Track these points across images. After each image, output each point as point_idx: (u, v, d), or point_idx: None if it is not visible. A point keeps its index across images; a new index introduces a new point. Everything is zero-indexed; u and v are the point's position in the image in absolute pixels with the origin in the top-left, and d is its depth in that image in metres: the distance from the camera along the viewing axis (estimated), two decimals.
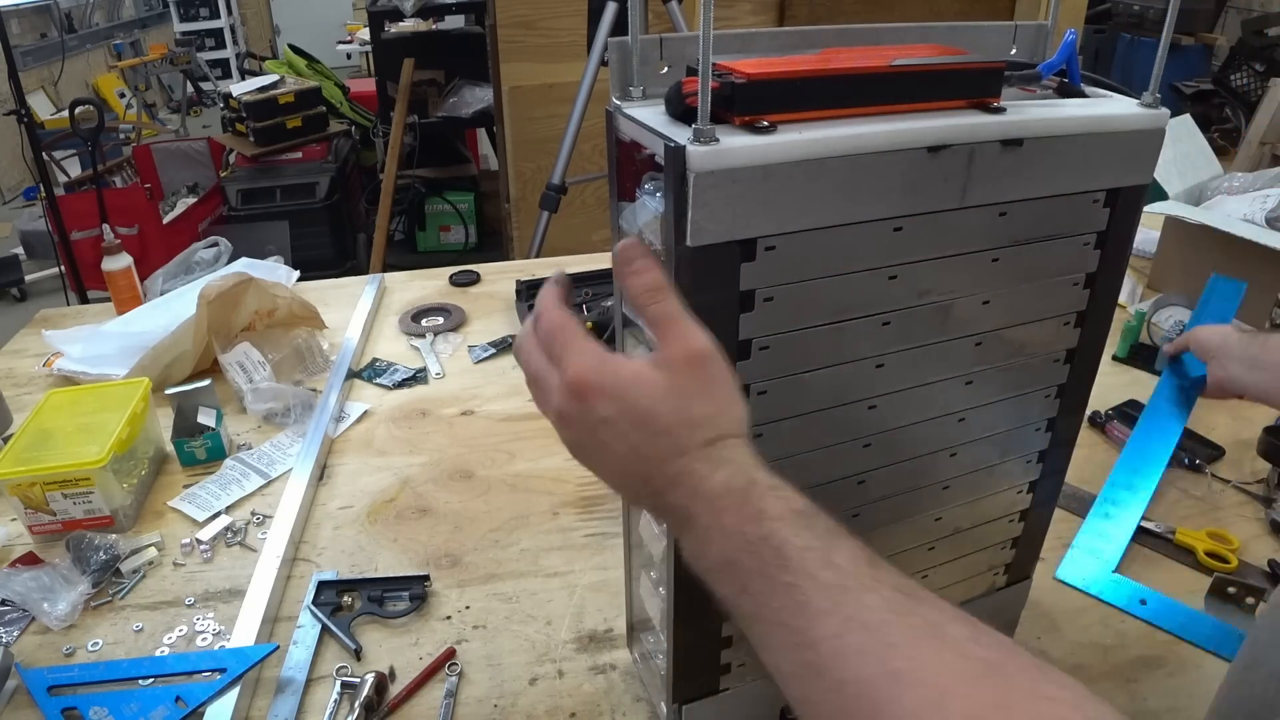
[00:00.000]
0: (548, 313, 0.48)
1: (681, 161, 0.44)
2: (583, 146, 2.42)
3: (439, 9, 3.79)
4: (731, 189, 0.45)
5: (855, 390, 0.55)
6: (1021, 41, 0.62)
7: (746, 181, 0.45)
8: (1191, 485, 0.95)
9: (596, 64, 1.98)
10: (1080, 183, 0.54)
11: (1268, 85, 3.48)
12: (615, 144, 0.51)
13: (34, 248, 3.65)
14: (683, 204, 0.44)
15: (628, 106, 0.50)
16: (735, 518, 0.42)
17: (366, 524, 0.94)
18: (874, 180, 0.48)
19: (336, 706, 0.72)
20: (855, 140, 0.46)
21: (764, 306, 0.49)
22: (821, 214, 0.47)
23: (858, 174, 0.47)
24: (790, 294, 0.50)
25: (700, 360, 0.45)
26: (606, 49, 0.47)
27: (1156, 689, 0.72)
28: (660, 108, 0.49)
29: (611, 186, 0.54)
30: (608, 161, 0.53)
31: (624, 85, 0.52)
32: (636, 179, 0.50)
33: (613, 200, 0.54)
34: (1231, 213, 1.26)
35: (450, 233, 3.83)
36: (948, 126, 0.48)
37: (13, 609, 0.82)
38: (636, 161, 0.50)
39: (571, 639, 0.78)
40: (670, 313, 0.45)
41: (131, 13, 6.86)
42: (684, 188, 0.44)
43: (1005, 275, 0.55)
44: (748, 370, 0.51)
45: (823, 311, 0.51)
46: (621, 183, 0.53)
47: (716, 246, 0.46)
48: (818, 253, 0.49)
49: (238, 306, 1.18)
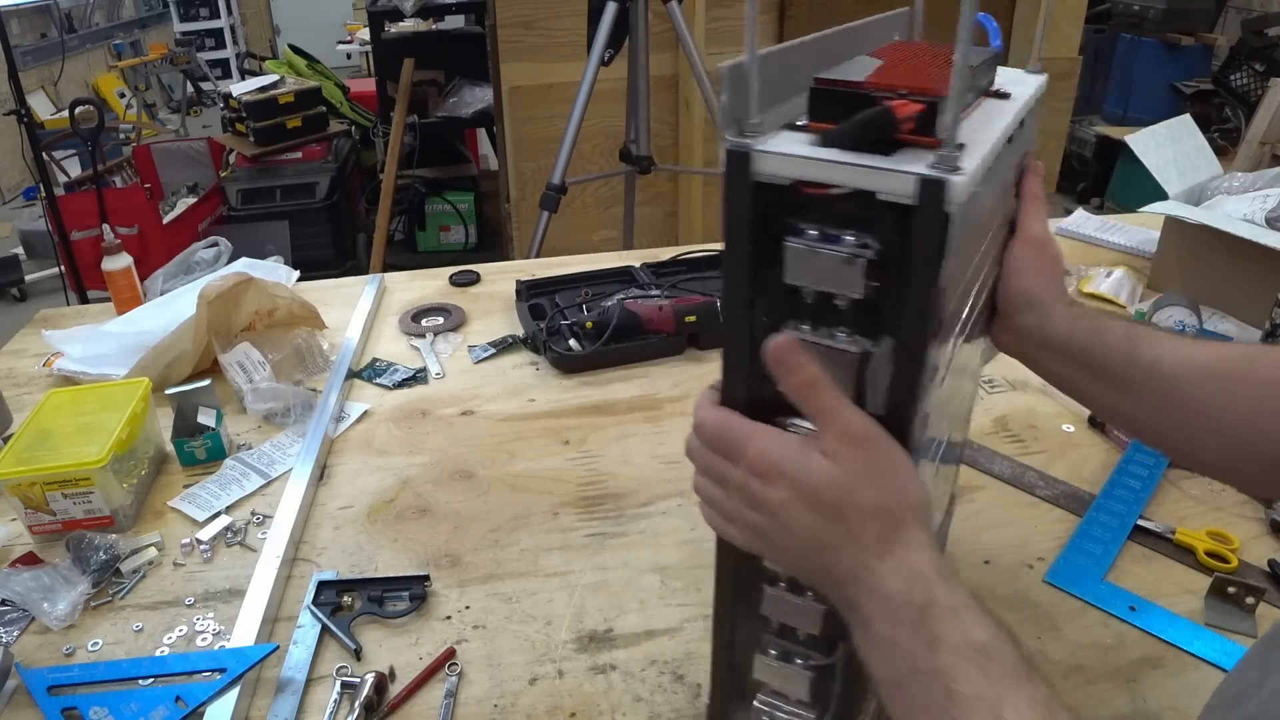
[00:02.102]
0: (710, 414, 0.48)
1: (940, 196, 0.39)
2: (583, 146, 2.43)
3: (439, 9, 3.79)
4: (963, 222, 0.41)
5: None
6: (901, 29, 0.67)
7: (968, 213, 0.41)
8: (1191, 485, 0.95)
9: (596, 64, 1.98)
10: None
11: (1268, 85, 3.48)
12: (749, 189, 0.43)
13: (34, 248, 3.65)
14: (938, 245, 0.40)
15: (764, 141, 0.43)
16: (909, 637, 0.41)
17: (366, 524, 0.94)
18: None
19: (336, 706, 0.72)
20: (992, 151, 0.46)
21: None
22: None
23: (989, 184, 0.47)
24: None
25: (864, 442, 0.44)
26: (727, 76, 0.43)
27: (1156, 689, 0.72)
28: (792, 135, 0.44)
29: (734, 240, 0.45)
30: (726, 214, 0.44)
31: (742, 116, 0.43)
32: (787, 227, 0.44)
33: (734, 257, 0.45)
34: (1231, 213, 1.25)
35: (450, 233, 3.83)
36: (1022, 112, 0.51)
37: (13, 609, 0.82)
38: (796, 206, 0.43)
39: (571, 639, 0.78)
40: (830, 404, 0.45)
41: (131, 13, 6.86)
42: (942, 227, 0.40)
43: None
44: None
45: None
46: (756, 233, 0.44)
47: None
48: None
49: (238, 306, 1.18)
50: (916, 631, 0.41)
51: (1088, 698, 0.71)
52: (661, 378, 1.20)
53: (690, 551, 0.88)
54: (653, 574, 0.85)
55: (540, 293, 1.38)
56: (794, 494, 0.45)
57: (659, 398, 1.15)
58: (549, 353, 1.22)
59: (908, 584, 0.42)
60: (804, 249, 0.43)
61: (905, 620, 0.41)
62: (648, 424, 1.10)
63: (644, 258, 1.51)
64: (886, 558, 0.43)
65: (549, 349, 1.22)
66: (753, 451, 0.46)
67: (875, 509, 0.44)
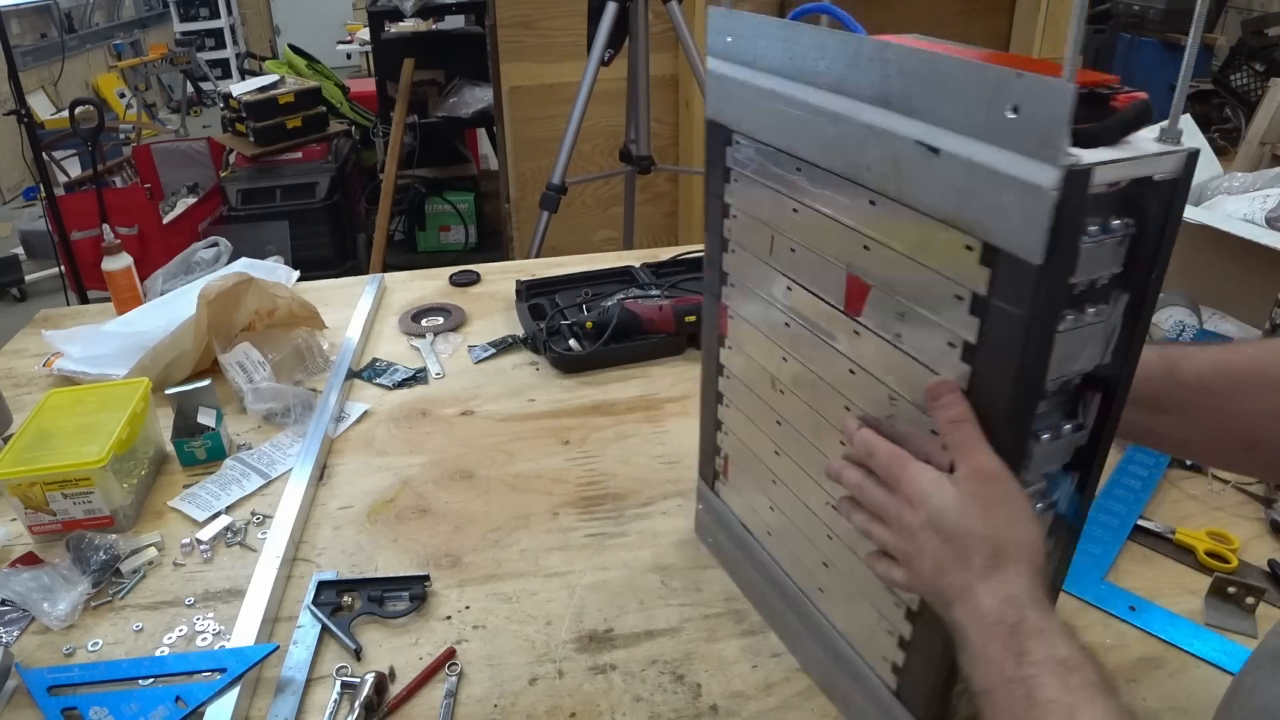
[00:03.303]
0: (879, 442, 0.55)
1: (1193, 166, 0.45)
2: (583, 146, 2.42)
3: (439, 9, 3.79)
4: None
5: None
6: None
7: None
8: (1191, 485, 0.95)
9: (596, 64, 1.98)
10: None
11: (1268, 85, 3.48)
12: (1088, 200, 0.43)
13: (34, 248, 3.65)
14: (1181, 210, 0.46)
15: (1095, 154, 0.43)
16: (1000, 651, 0.46)
17: (366, 524, 0.94)
18: None
19: (336, 706, 0.72)
20: None
21: None
22: None
23: None
24: None
25: (988, 478, 0.49)
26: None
27: (1157, 689, 0.72)
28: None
29: (1061, 261, 0.44)
30: (1058, 237, 0.43)
31: (1061, 137, 0.41)
32: (1082, 228, 0.45)
33: (1056, 277, 0.45)
34: (1231, 213, 1.25)
35: (450, 233, 3.82)
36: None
37: (13, 609, 0.82)
38: (1092, 206, 0.44)
39: (571, 639, 0.78)
40: (969, 439, 0.50)
41: (131, 13, 6.86)
42: (1186, 193, 0.46)
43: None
44: None
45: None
46: (1068, 245, 0.45)
47: None
48: None
49: (238, 306, 1.18)
50: (1007, 646, 0.45)
51: None
52: (661, 378, 1.20)
53: (690, 551, 0.88)
54: (653, 574, 0.85)
55: (540, 293, 1.38)
56: (928, 519, 0.51)
57: (659, 398, 1.15)
58: (549, 353, 1.22)
59: (1003, 605, 0.47)
60: (1094, 244, 0.46)
61: (998, 636, 0.46)
62: (648, 424, 1.10)
63: (644, 258, 1.51)
64: (988, 582, 0.48)
65: (549, 349, 1.22)
66: (907, 479, 0.52)
67: (986, 538, 0.49)
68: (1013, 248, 0.45)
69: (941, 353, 0.51)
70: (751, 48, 0.62)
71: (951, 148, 0.47)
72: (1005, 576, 0.47)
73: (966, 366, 0.50)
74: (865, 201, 0.54)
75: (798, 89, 0.58)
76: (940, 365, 0.52)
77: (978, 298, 0.48)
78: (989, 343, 0.48)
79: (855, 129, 0.53)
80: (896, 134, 0.50)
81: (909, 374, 0.54)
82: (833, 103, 0.55)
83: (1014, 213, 0.44)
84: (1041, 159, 0.42)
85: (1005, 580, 0.47)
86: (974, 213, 0.47)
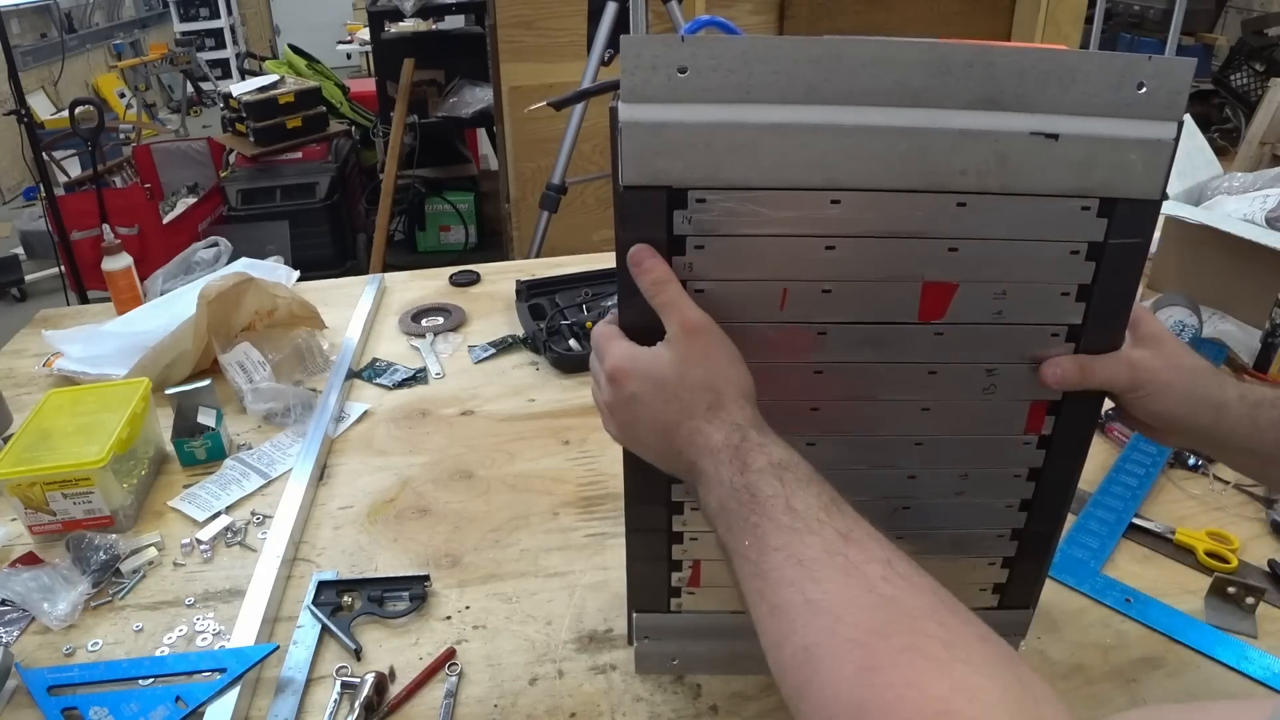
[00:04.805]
0: (598, 329, 0.59)
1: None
2: (583, 146, 2.42)
3: (439, 9, 3.79)
4: None
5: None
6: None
7: None
8: (1191, 485, 0.95)
9: (596, 64, 1.98)
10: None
11: (1268, 85, 3.48)
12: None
13: (34, 248, 3.65)
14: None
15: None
16: (728, 469, 0.50)
17: (366, 524, 0.94)
18: None
19: (336, 706, 0.72)
20: None
21: None
22: None
23: None
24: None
25: (696, 331, 0.53)
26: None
27: (1156, 689, 0.72)
28: None
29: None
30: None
31: (1183, 100, 0.52)
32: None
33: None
34: (1231, 213, 1.25)
35: (450, 233, 3.82)
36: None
37: (13, 609, 0.82)
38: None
39: (571, 639, 0.78)
40: (673, 298, 0.54)
41: (131, 13, 6.86)
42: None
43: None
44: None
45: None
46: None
47: None
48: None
49: (238, 306, 1.18)
50: (732, 463, 0.50)
51: (1088, 698, 0.71)
52: None
53: None
54: None
55: (540, 293, 1.38)
56: (641, 385, 0.54)
57: None
58: (549, 353, 1.22)
59: (728, 432, 0.51)
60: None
61: (725, 458, 0.50)
62: None
63: None
64: (713, 421, 0.52)
65: (549, 349, 1.22)
66: (608, 363, 0.55)
67: (703, 383, 0.53)
68: (1135, 194, 0.53)
69: (1053, 303, 0.57)
70: (735, 80, 0.50)
71: (1070, 129, 0.52)
72: (728, 412, 0.52)
73: (1081, 304, 0.57)
74: (951, 206, 0.54)
75: (833, 113, 0.51)
76: (1053, 316, 0.57)
77: (1094, 245, 0.55)
78: (1106, 276, 0.55)
79: (942, 138, 0.51)
80: (1003, 131, 0.52)
81: (1010, 341, 0.58)
82: (904, 118, 0.51)
83: (1137, 168, 0.52)
84: (1166, 119, 0.51)
85: (729, 414, 0.52)
86: (1096, 178, 0.53)
